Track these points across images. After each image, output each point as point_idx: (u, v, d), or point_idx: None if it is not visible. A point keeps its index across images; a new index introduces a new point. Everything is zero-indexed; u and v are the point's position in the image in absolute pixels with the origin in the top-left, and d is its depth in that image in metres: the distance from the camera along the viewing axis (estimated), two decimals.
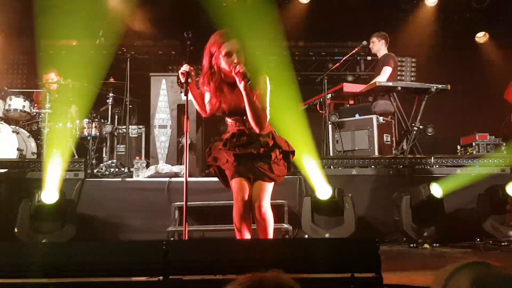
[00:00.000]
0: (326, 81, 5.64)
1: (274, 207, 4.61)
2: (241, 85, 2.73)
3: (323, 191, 4.28)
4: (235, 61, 2.76)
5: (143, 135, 6.58)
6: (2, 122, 5.59)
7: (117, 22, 7.12)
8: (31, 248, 2.40)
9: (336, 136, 5.40)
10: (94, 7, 7.18)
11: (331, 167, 4.96)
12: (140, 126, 6.62)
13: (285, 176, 3.07)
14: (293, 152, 2.99)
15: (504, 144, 5.69)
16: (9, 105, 5.81)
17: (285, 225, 4.43)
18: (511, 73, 7.14)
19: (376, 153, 5.09)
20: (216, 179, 5.15)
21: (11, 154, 5.38)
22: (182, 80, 2.83)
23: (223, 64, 2.80)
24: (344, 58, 6.05)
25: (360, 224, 4.40)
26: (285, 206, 4.57)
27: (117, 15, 7.15)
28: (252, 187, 2.89)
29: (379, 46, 5.89)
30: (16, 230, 4.03)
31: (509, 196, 4.20)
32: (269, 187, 2.89)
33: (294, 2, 7.53)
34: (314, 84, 6.67)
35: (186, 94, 2.94)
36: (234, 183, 2.88)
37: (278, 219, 4.54)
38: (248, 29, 6.82)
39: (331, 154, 5.40)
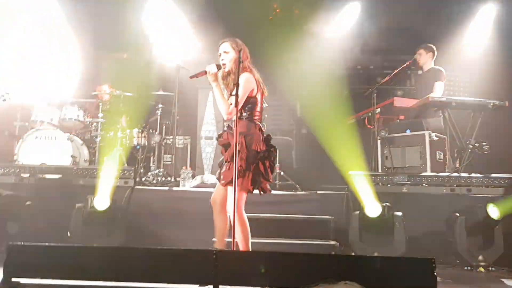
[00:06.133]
0: (375, 95, 5.53)
1: (320, 222, 4.58)
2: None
3: (372, 208, 4.16)
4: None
5: (189, 146, 6.66)
6: (57, 130, 5.82)
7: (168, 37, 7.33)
8: (88, 251, 2.45)
9: (385, 152, 5.25)
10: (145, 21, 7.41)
11: (379, 183, 4.83)
12: (186, 137, 6.72)
13: (332, 192, 3.22)
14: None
15: None
16: (64, 114, 6.06)
17: (332, 242, 4.34)
18: None
19: (429, 171, 4.90)
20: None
21: (66, 160, 5.58)
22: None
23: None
24: (394, 72, 5.92)
25: (411, 244, 4.24)
26: (331, 222, 4.48)
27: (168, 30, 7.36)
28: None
29: (426, 59, 5.75)
30: (69, 234, 4.15)
31: None
32: (228, 189, 3.24)
33: (341, 14, 7.48)
34: (361, 98, 6.55)
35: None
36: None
37: (324, 235, 4.47)
38: (293, 41, 6.90)
39: (380, 170, 5.26)
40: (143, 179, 5.68)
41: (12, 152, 5.71)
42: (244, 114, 3.26)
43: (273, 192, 5.27)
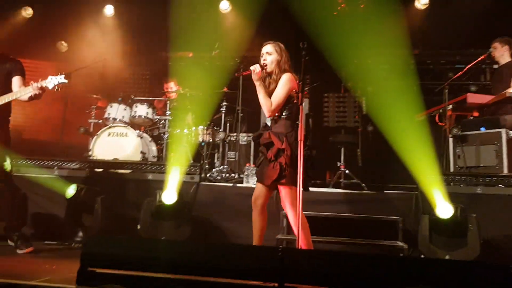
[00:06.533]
0: (446, 91, 5.27)
1: (387, 223, 4.44)
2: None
3: (444, 209, 3.96)
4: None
5: (252, 143, 6.70)
6: (128, 127, 6.09)
7: (232, 35, 7.43)
8: (157, 244, 2.54)
9: (457, 150, 4.98)
10: (211, 20, 7.56)
11: (451, 183, 4.59)
12: (250, 134, 6.77)
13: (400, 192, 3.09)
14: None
15: None
16: (134, 111, 6.34)
17: (400, 243, 4.19)
18: None
19: (506, 171, 4.59)
20: (331, 190, 5.10)
21: (136, 156, 5.83)
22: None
23: None
24: (468, 67, 5.60)
25: (486, 248, 3.98)
26: (400, 223, 4.33)
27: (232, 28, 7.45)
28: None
29: (501, 52, 5.37)
30: (139, 227, 4.33)
31: None
32: (281, 188, 3.41)
33: (410, 8, 7.20)
34: (431, 94, 6.27)
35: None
36: None
37: (392, 236, 4.33)
38: (359, 37, 6.74)
39: (451, 170, 5.01)
40: (208, 175, 5.80)
41: (87, 148, 6.06)
42: (284, 113, 3.39)
43: (338, 190, 5.22)
